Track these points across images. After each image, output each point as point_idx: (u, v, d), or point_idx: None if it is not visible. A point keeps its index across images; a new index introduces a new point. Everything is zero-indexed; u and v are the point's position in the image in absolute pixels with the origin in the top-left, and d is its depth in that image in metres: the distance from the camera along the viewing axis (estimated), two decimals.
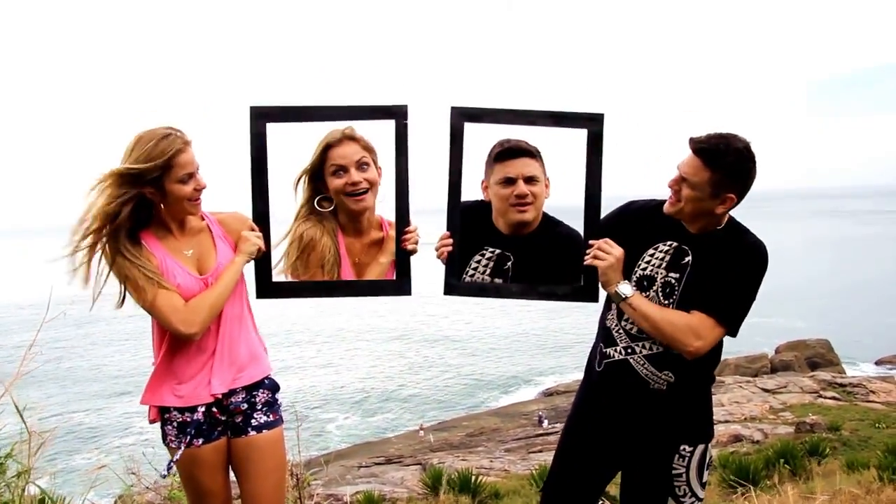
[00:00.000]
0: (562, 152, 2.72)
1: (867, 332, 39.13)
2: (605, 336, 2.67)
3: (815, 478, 8.78)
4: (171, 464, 2.55)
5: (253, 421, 2.62)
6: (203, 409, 2.55)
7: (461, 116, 2.57)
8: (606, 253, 2.49)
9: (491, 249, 2.69)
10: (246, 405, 2.61)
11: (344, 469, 18.45)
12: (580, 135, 2.58)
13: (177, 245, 2.54)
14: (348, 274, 2.73)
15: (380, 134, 2.63)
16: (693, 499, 2.57)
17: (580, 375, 2.84)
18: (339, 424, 29.49)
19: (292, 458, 3.98)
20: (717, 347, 2.55)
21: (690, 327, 2.43)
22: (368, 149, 2.66)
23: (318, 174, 2.66)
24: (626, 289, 2.49)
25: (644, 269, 2.56)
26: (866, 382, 22.43)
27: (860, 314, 44.19)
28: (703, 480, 2.58)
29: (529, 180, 2.58)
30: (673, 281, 2.51)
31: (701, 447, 2.58)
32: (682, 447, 2.56)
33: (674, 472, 2.55)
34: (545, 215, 2.69)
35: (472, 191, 2.68)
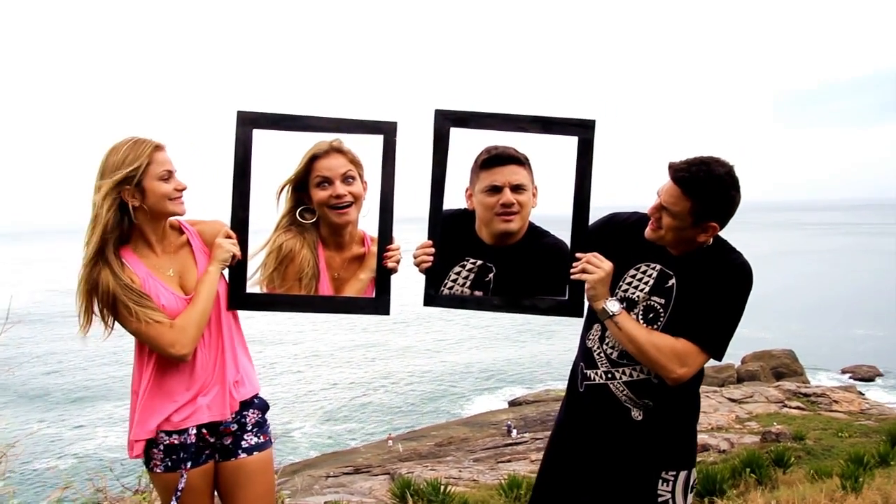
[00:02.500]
0: (549, 159, 2.65)
1: (831, 343, 39.87)
2: (585, 356, 2.60)
3: (781, 486, 8.88)
4: (178, 494, 2.43)
5: (243, 443, 2.53)
6: (195, 431, 2.44)
7: (446, 120, 2.50)
8: (596, 266, 2.40)
9: (472, 260, 2.62)
10: (236, 426, 2.52)
11: (311, 479, 18.28)
12: (567, 142, 2.50)
13: (158, 263, 2.46)
14: (326, 289, 2.66)
15: (367, 147, 2.58)
16: None
17: (548, 385, 2.84)
18: (306, 433, 29.23)
19: None
20: (699, 373, 2.48)
21: (676, 353, 2.34)
22: (355, 162, 2.60)
23: (302, 185, 2.61)
24: (613, 306, 2.40)
25: (625, 290, 2.49)
26: (829, 392, 22.81)
27: (824, 325, 45.00)
28: (687, 500, 2.54)
29: (516, 189, 2.51)
30: (657, 306, 2.43)
31: (684, 473, 2.52)
32: (664, 473, 2.50)
33: (660, 498, 2.49)
34: (531, 225, 2.62)
35: (456, 199, 2.63)
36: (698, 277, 2.39)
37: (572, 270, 2.46)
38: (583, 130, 2.47)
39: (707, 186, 2.27)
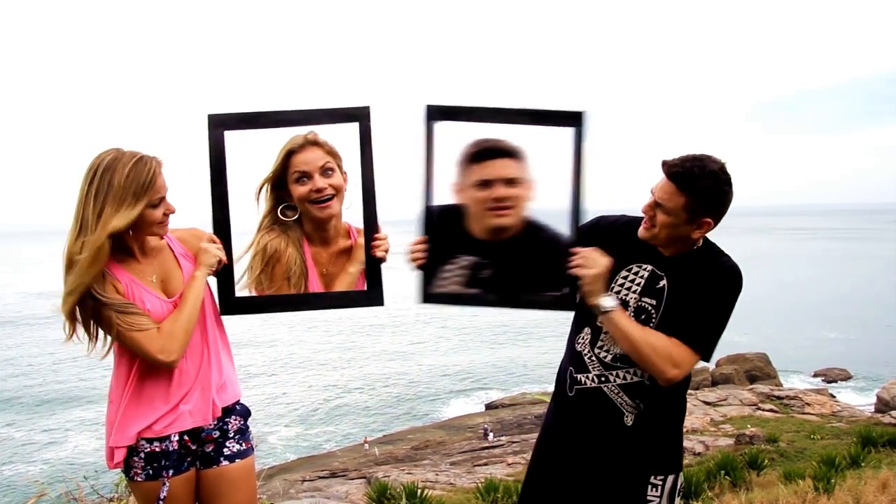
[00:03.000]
0: (539, 153, 2.52)
1: (804, 346, 40.40)
2: (575, 361, 2.57)
3: (755, 488, 8.96)
4: (161, 502, 2.37)
5: (225, 450, 2.48)
6: (177, 438, 2.38)
7: (436, 114, 2.45)
8: (593, 262, 2.38)
9: (465, 257, 2.56)
10: (217, 433, 2.47)
11: (287, 483, 18.12)
12: (558, 135, 2.46)
13: (140, 269, 2.39)
14: (316, 286, 2.61)
15: (345, 136, 2.52)
16: None
17: (524, 388, 2.81)
18: (281, 436, 29.03)
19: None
20: (688, 375, 2.49)
21: (669, 354, 2.34)
22: (333, 154, 2.55)
23: (280, 182, 2.55)
24: (608, 301, 2.38)
25: (617, 292, 2.47)
26: (802, 395, 23.08)
27: (797, 328, 45.62)
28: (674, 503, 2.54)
29: (509, 182, 2.45)
30: (649, 307, 2.43)
31: (672, 477, 2.52)
32: (653, 477, 2.49)
33: (649, 502, 2.49)
34: (529, 220, 2.55)
35: (444, 194, 2.52)
36: (689, 279, 2.39)
37: (569, 265, 2.42)
38: (575, 122, 2.43)
39: (701, 181, 2.29)
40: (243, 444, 2.52)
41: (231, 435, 2.50)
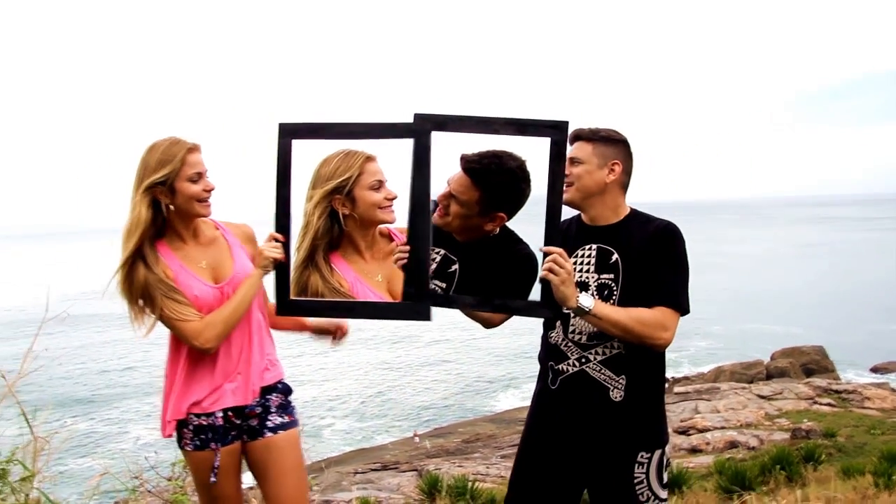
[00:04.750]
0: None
1: (861, 339, 39.25)
2: (552, 354, 2.68)
3: (811, 484, 8.80)
4: (215, 470, 2.59)
5: (268, 423, 2.67)
6: (222, 413, 2.59)
7: (426, 123, 2.51)
8: (560, 267, 2.41)
9: (436, 249, 2.65)
10: (260, 409, 2.66)
11: (339, 475, 18.39)
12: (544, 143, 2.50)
13: (191, 255, 2.59)
14: (371, 295, 2.68)
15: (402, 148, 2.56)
16: (657, 501, 2.61)
17: None
18: (335, 430, 29.42)
19: None
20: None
21: (657, 320, 2.46)
22: None
23: (343, 190, 2.61)
24: (587, 300, 2.43)
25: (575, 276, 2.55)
26: (861, 389, 22.47)
27: (854, 320, 44.31)
28: (664, 482, 2.62)
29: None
30: (608, 282, 2.56)
31: (658, 452, 2.61)
32: (640, 454, 2.59)
33: (635, 480, 2.58)
34: (506, 228, 2.67)
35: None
36: (635, 246, 2.53)
37: (541, 269, 2.45)
38: (556, 132, 2.47)
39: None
40: (286, 417, 2.71)
41: (273, 410, 2.69)
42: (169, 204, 2.52)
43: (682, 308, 2.52)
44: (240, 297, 2.55)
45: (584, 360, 2.59)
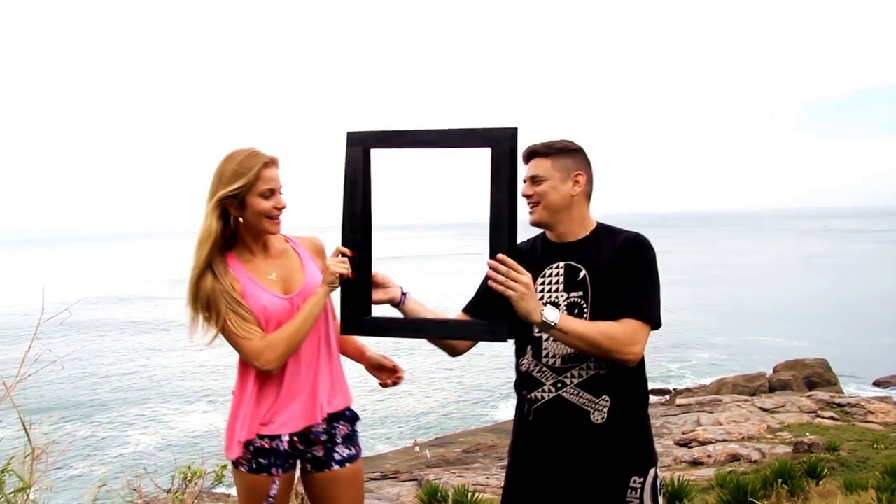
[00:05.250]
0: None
1: (864, 352, 39.13)
2: (525, 382, 2.55)
3: (814, 498, 8.75)
4: (271, 498, 2.49)
5: (335, 455, 2.57)
6: (288, 438, 2.49)
7: (359, 143, 2.42)
8: (515, 281, 2.25)
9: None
10: (325, 436, 2.55)
11: None
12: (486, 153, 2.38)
13: (260, 268, 2.52)
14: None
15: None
16: None
17: None
18: None
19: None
20: (643, 357, 2.48)
21: (626, 334, 2.33)
22: None
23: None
24: (552, 314, 2.29)
25: (542, 298, 2.47)
26: (864, 403, 22.39)
27: (857, 334, 44.19)
28: (658, 501, 2.49)
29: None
30: (578, 300, 2.44)
31: (651, 473, 2.47)
32: (632, 479, 2.44)
33: None
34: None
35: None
36: (603, 260, 2.43)
37: (492, 284, 2.28)
38: (496, 142, 2.32)
39: (552, 143, 2.46)
40: (352, 449, 2.61)
41: (339, 440, 2.57)
42: (238, 217, 2.46)
43: (653, 321, 2.39)
44: (304, 316, 2.44)
45: (559, 385, 2.45)
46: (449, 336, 2.57)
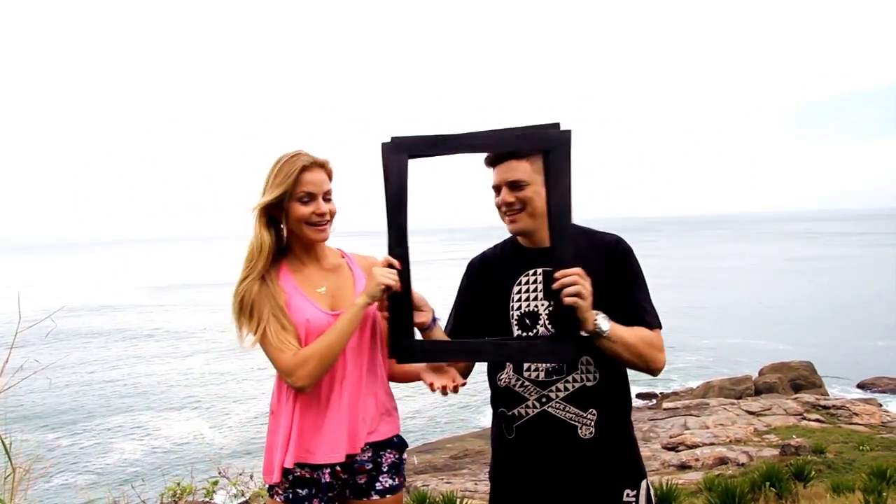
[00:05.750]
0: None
1: (849, 355, 39.41)
2: (504, 398, 2.43)
3: (801, 500, 8.76)
4: None
5: (378, 484, 2.46)
6: (330, 470, 2.38)
7: (402, 150, 2.25)
8: (582, 283, 2.13)
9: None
10: (371, 465, 2.44)
11: None
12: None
13: (310, 279, 2.43)
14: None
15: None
16: None
17: None
18: None
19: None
20: (626, 372, 2.42)
21: (654, 341, 2.28)
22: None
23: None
24: (605, 323, 2.19)
25: (519, 307, 2.37)
26: (850, 405, 22.51)
27: (841, 336, 44.50)
28: None
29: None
30: None
31: (644, 485, 2.39)
32: (626, 493, 2.35)
33: None
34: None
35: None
36: (584, 263, 2.23)
37: (567, 298, 2.12)
38: (553, 146, 2.18)
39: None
40: (396, 479, 2.49)
41: (385, 469, 2.47)
42: (283, 224, 2.40)
43: (659, 324, 2.34)
44: (338, 330, 2.27)
45: (544, 400, 2.33)
46: (510, 358, 2.38)
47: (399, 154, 2.24)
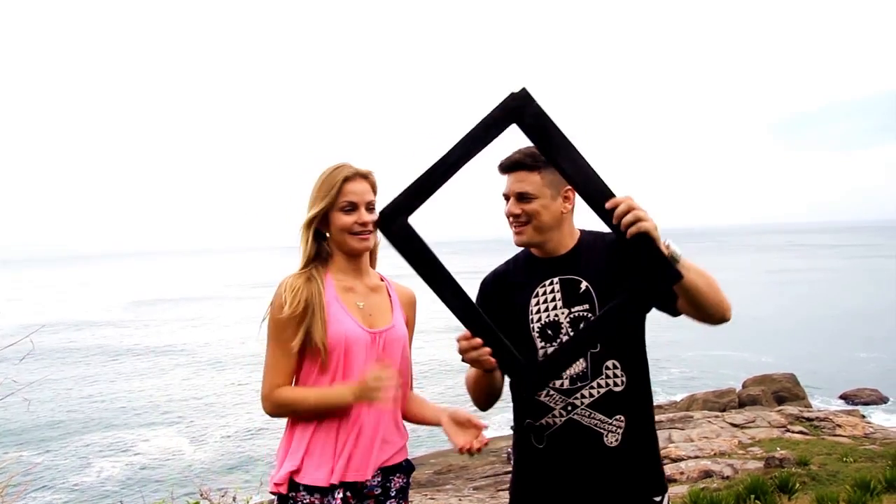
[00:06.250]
0: None
1: (833, 366, 39.71)
2: (531, 411, 2.37)
3: None
4: None
5: None
6: (341, 495, 2.34)
7: (394, 217, 2.15)
8: (640, 210, 2.01)
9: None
10: (380, 490, 2.43)
11: None
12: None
13: (351, 294, 2.42)
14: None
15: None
16: None
17: None
18: None
19: (260, 497, 3.74)
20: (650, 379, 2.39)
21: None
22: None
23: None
24: (677, 247, 2.08)
25: (539, 319, 2.32)
26: (833, 416, 22.59)
27: (825, 348, 44.86)
28: None
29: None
30: (584, 313, 2.27)
31: (667, 495, 2.36)
32: (654, 498, 2.32)
33: None
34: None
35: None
36: (602, 267, 2.26)
37: (629, 228, 1.99)
38: (519, 114, 2.06)
39: (537, 154, 2.20)
40: (402, 503, 2.51)
41: (392, 493, 2.47)
42: (327, 234, 2.45)
43: None
44: (325, 401, 2.32)
45: (570, 408, 2.28)
46: (619, 319, 2.15)
47: (396, 221, 2.15)
